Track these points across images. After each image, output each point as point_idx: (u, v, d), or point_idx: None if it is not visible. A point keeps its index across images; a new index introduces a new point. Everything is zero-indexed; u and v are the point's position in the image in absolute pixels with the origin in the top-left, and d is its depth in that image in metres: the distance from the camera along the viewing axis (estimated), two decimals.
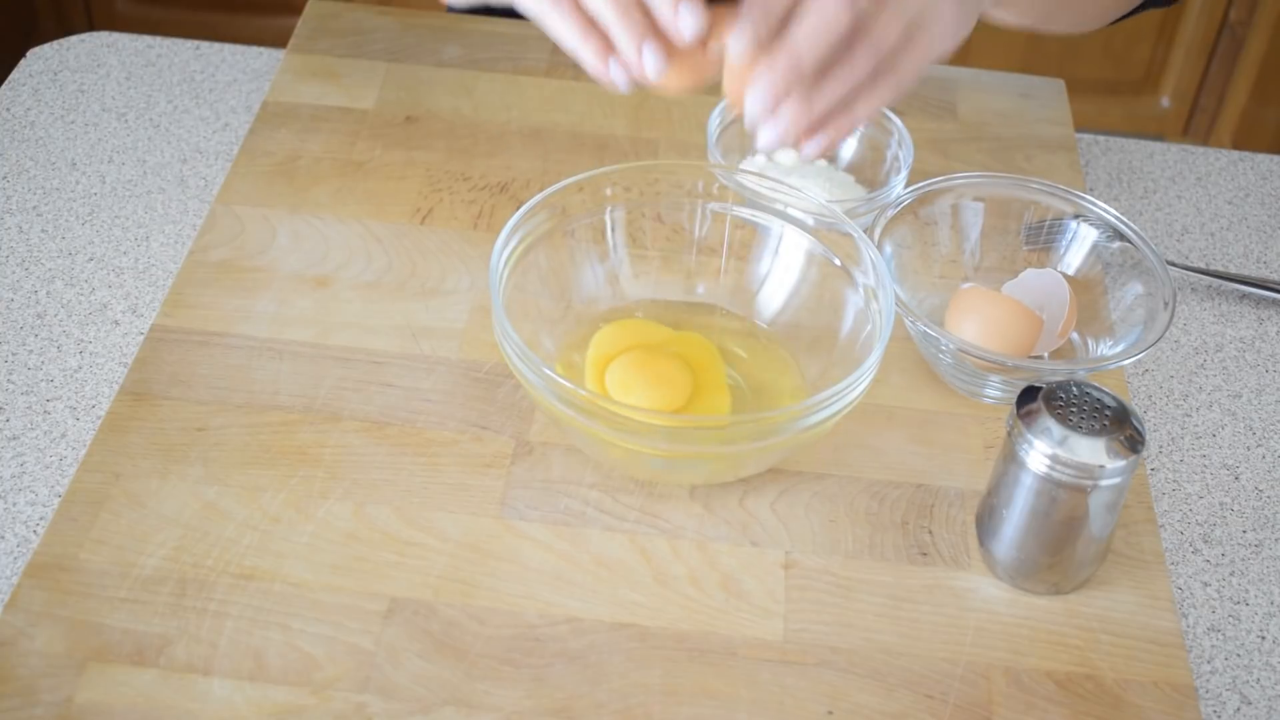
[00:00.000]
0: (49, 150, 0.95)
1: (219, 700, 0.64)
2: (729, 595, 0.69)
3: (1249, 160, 1.00)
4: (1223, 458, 0.79)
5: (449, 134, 0.96)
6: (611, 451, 0.70)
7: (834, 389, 0.67)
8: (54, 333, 0.82)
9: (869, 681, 0.66)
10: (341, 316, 0.82)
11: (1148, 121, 2.28)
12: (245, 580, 0.68)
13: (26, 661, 0.65)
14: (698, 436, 0.69)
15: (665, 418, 0.71)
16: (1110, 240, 0.85)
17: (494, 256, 0.72)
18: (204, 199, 0.91)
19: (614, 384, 0.74)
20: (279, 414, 0.76)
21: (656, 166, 0.80)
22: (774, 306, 0.81)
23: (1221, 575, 0.73)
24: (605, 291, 0.82)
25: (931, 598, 0.70)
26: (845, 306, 0.77)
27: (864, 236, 0.75)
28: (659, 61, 0.68)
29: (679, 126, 0.97)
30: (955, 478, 0.75)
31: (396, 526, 0.71)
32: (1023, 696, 0.66)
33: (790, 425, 0.67)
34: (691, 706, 0.65)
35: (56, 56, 1.03)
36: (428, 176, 0.92)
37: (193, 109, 0.98)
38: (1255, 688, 0.68)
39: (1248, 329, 0.87)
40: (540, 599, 0.68)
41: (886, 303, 0.72)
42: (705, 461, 0.71)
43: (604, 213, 0.80)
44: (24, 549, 0.70)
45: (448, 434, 0.76)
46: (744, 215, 0.81)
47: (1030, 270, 0.82)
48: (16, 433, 0.76)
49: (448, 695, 0.64)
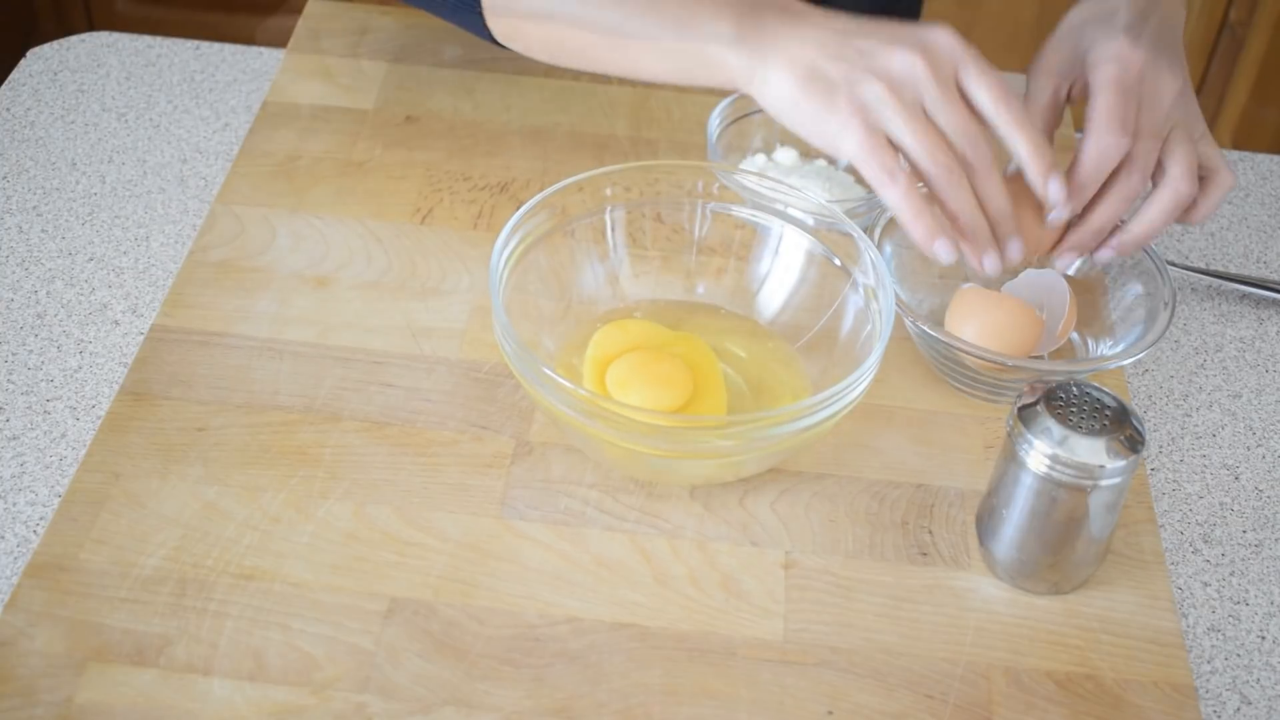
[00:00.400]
0: (49, 150, 0.95)
1: (219, 700, 0.64)
2: (729, 595, 0.69)
3: (1249, 160, 1.00)
4: (1223, 458, 0.79)
5: (449, 134, 0.96)
6: (611, 451, 0.70)
7: (834, 389, 0.67)
8: (54, 333, 0.82)
9: (869, 681, 0.66)
10: (341, 316, 0.82)
11: None
12: (245, 580, 0.68)
13: (26, 661, 0.65)
14: (697, 436, 0.69)
15: (665, 418, 0.71)
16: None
17: (494, 256, 0.72)
18: (204, 199, 0.91)
19: (614, 384, 0.74)
20: (279, 414, 0.76)
21: (656, 166, 0.80)
22: (774, 306, 0.81)
23: (1221, 575, 0.73)
24: (605, 291, 0.82)
25: (931, 598, 0.70)
26: (845, 306, 0.77)
27: (864, 236, 0.75)
28: (1021, 253, 0.74)
29: (679, 126, 0.97)
30: (955, 478, 0.75)
31: (396, 526, 0.71)
32: (1023, 696, 0.66)
33: (790, 425, 0.67)
34: (691, 706, 0.65)
35: (56, 56, 1.03)
36: (428, 176, 0.92)
37: (193, 109, 0.98)
38: (1255, 688, 0.68)
39: (1248, 329, 0.87)
40: (540, 599, 0.68)
41: (886, 303, 0.72)
42: (705, 461, 0.71)
43: (604, 213, 0.80)
44: (24, 549, 0.70)
45: (448, 434, 0.76)
46: (744, 215, 0.81)
47: (1030, 270, 0.82)
48: (16, 433, 0.76)
49: (448, 695, 0.64)
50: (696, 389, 0.75)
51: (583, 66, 0.79)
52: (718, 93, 0.99)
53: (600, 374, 0.75)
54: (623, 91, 1.00)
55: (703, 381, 0.75)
